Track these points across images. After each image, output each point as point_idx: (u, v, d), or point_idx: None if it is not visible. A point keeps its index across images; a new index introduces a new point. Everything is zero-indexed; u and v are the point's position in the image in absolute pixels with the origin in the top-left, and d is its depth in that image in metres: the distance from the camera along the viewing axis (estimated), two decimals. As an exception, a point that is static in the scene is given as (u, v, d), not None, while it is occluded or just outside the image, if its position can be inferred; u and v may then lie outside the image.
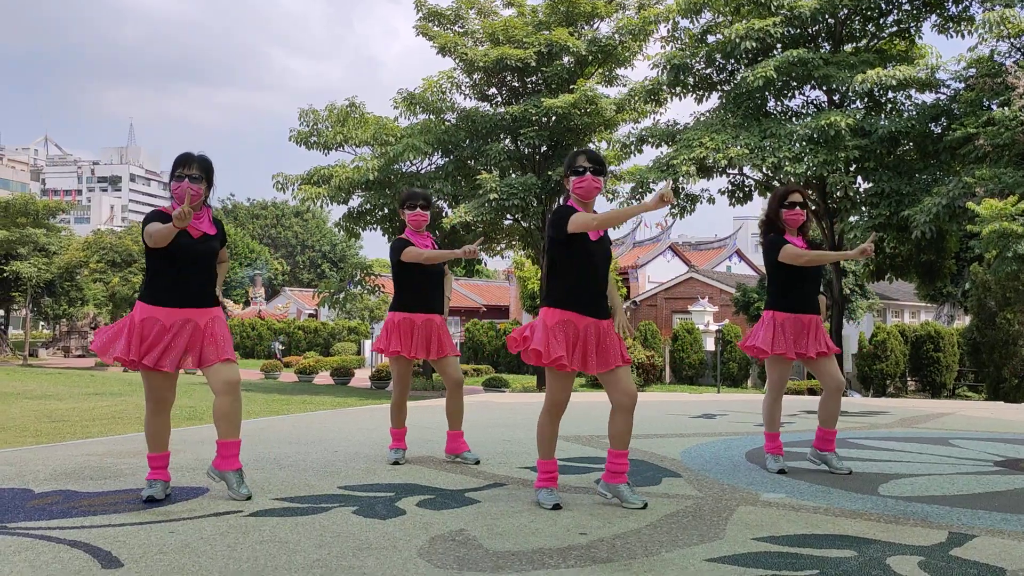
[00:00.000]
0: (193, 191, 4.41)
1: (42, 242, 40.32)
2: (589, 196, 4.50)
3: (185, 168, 4.46)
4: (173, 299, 4.44)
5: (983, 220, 14.61)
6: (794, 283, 5.51)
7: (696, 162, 18.99)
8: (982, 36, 18.08)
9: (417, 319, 5.65)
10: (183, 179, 4.43)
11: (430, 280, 5.73)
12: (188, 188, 4.40)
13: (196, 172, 4.46)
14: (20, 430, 11.96)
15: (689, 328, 32.13)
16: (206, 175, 4.52)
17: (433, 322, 5.70)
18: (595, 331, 4.42)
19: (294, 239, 77.92)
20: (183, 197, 4.38)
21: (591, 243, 4.42)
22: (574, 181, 4.49)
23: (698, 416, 9.59)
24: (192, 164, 4.47)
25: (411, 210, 5.78)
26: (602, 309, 4.48)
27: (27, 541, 3.67)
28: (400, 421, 5.87)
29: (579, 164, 4.48)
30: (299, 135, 24.02)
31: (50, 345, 50.51)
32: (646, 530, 4.03)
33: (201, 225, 4.55)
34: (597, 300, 4.46)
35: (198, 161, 4.50)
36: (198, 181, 4.46)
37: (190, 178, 4.43)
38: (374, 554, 3.56)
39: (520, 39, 22.87)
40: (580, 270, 4.42)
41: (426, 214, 5.83)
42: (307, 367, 31.01)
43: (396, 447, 5.86)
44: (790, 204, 5.51)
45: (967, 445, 7.36)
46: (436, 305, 5.75)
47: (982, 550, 3.77)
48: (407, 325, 5.65)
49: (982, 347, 24.41)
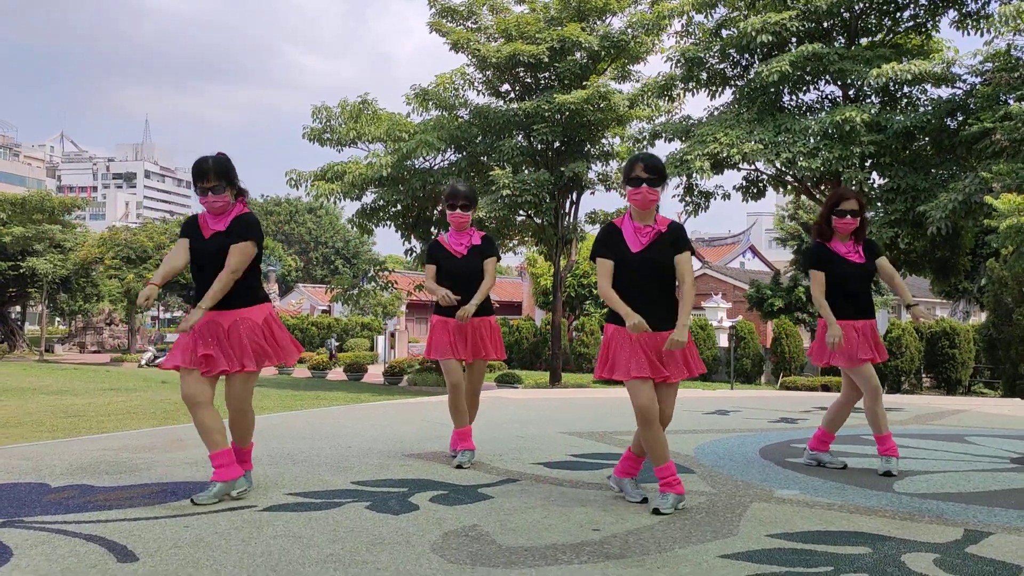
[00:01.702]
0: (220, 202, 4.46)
1: (58, 238, 40.58)
2: (645, 207, 4.37)
3: (205, 181, 4.43)
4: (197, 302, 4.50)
5: (1001, 215, 14.48)
6: (835, 294, 5.37)
7: (710, 157, 18.90)
8: (998, 30, 17.91)
9: (451, 322, 5.51)
10: (206, 193, 4.44)
11: (460, 282, 5.51)
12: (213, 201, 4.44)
13: (215, 182, 4.43)
14: (36, 425, 12.05)
15: (702, 324, 32.03)
16: (226, 179, 4.47)
17: (469, 323, 5.51)
18: (651, 341, 4.29)
19: (307, 235, 78.14)
20: (212, 208, 4.48)
21: (631, 255, 4.33)
22: (630, 191, 4.37)
23: (711, 412, 9.57)
24: (209, 175, 4.42)
25: (451, 210, 5.59)
26: (657, 320, 4.28)
27: (44, 535, 3.70)
28: (462, 420, 5.63)
29: (635, 173, 4.32)
30: (312, 132, 24.05)
31: (66, 341, 50.87)
32: (659, 526, 4.02)
33: (216, 224, 4.52)
34: (648, 311, 4.26)
35: (213, 168, 4.44)
36: (220, 191, 4.45)
37: (212, 190, 4.43)
38: (387, 549, 3.57)
39: (532, 35, 22.82)
40: (622, 283, 4.34)
41: (466, 215, 5.58)
42: (321, 363, 31.13)
43: (465, 448, 5.62)
44: (840, 212, 5.36)
45: (983, 442, 7.31)
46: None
47: (998, 547, 3.74)
48: (443, 327, 5.54)
49: (998, 343, 24.22)
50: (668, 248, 4.38)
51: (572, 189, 23.65)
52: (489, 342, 5.63)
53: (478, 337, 5.58)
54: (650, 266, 4.33)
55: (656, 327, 4.28)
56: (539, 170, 22.69)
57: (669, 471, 4.36)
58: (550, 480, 5.17)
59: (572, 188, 23.57)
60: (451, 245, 5.60)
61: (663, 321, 4.31)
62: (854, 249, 5.41)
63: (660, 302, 4.35)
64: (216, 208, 4.48)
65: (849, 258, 5.37)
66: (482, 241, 5.67)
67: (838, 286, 5.38)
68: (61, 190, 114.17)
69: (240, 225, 4.50)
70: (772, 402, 11.54)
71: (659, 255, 4.35)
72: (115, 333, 52.17)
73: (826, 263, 5.39)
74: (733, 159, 18.97)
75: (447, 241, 5.64)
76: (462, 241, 5.60)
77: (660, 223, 4.42)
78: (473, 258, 5.58)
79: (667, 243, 4.38)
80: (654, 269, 4.34)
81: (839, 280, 5.37)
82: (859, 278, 5.39)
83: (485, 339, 5.61)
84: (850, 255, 5.39)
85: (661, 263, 4.35)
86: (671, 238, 4.40)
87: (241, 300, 4.49)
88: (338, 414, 9.09)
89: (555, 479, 5.19)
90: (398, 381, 26.61)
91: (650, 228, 4.38)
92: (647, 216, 4.41)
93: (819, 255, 5.44)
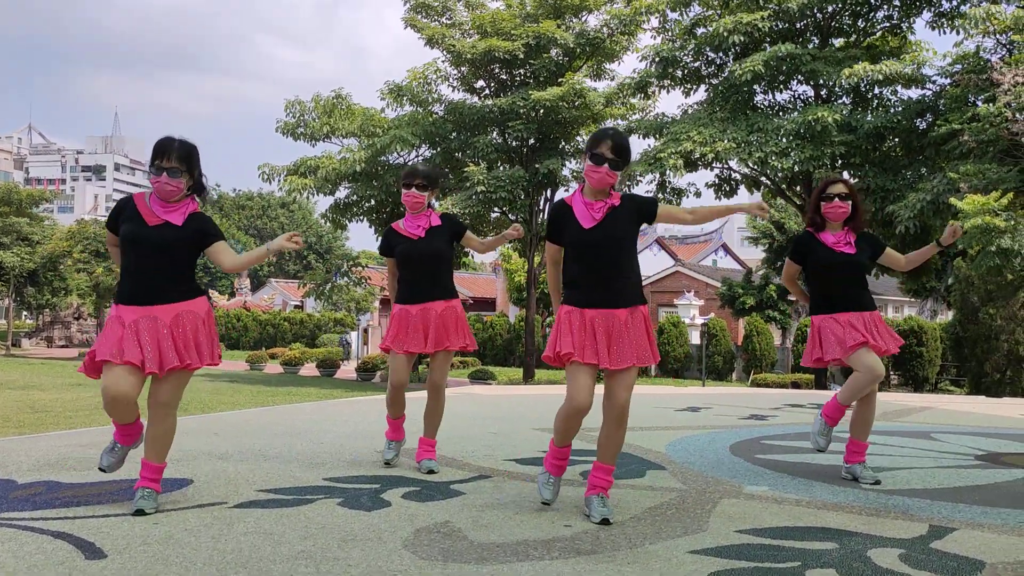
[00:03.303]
0: (173, 186, 4.09)
1: (25, 231, 39.92)
2: (601, 187, 4.17)
3: (163, 159, 4.07)
4: (126, 295, 4.15)
5: (966, 215, 14.70)
6: (819, 286, 5.22)
7: (683, 156, 19.01)
8: (968, 32, 18.15)
9: (412, 310, 5.20)
10: (161, 172, 4.07)
11: (418, 267, 5.24)
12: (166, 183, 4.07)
13: (175, 164, 4.08)
14: (2, 420, 11.87)
15: (675, 322, 32.23)
16: (187, 165, 4.12)
17: (431, 311, 5.19)
18: (604, 321, 4.09)
19: (280, 230, 77.52)
20: (162, 192, 4.11)
21: (584, 232, 4.14)
22: (589, 167, 4.16)
23: (683, 409, 9.63)
24: (171, 154, 4.08)
25: (406, 190, 5.26)
26: (612, 298, 4.11)
27: (10, 532, 3.65)
28: (398, 411, 5.41)
29: (601, 150, 4.12)
30: (286, 126, 23.89)
31: (33, 335, 50.13)
32: (630, 522, 4.05)
33: (166, 214, 4.14)
34: (602, 289, 4.11)
35: (177, 150, 4.10)
36: (176, 175, 4.08)
37: (168, 171, 4.07)
38: (359, 545, 3.56)
39: (508, 31, 22.81)
40: (576, 261, 4.19)
41: (422, 195, 5.22)
42: (293, 359, 30.91)
43: (396, 439, 5.49)
44: (828, 196, 5.13)
45: (949, 439, 7.42)
46: (433, 293, 5.21)
47: (962, 543, 3.81)
48: (403, 317, 5.22)
49: (965, 342, 24.58)
50: (626, 221, 4.18)
51: (547, 186, 23.68)
52: (453, 331, 5.22)
53: (440, 326, 5.19)
54: (603, 243, 4.12)
55: (610, 305, 4.09)
56: (514, 167, 22.70)
57: (564, 455, 4.30)
58: (522, 476, 5.18)
59: (547, 185, 23.59)
60: (407, 229, 5.26)
61: (618, 298, 4.10)
62: (845, 240, 5.13)
63: (615, 278, 4.12)
64: (167, 192, 4.09)
65: (836, 248, 5.10)
66: (443, 220, 5.35)
67: (822, 276, 5.18)
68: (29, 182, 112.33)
69: (200, 229, 4.20)
70: (743, 399, 11.64)
71: (614, 230, 4.14)
72: (83, 328, 51.47)
73: (805, 253, 5.23)
74: (706, 157, 19.10)
75: (402, 226, 5.31)
76: (419, 224, 5.25)
77: (613, 197, 4.21)
78: (433, 240, 5.24)
79: (623, 217, 4.18)
80: (607, 245, 4.12)
81: (822, 270, 5.16)
82: (845, 269, 5.10)
83: (449, 328, 5.21)
84: (838, 245, 5.11)
85: (616, 238, 4.14)
86: (628, 211, 4.20)
87: (183, 293, 4.18)
88: (310, 410, 9.05)
89: (527, 475, 5.20)
90: (371, 377, 26.51)
91: (602, 203, 4.16)
92: (600, 193, 4.21)
93: (798, 244, 5.30)
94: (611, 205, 4.18)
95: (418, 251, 5.24)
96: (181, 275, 4.20)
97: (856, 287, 5.17)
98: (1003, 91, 16.27)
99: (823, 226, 5.20)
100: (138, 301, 4.11)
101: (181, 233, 4.15)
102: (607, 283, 4.12)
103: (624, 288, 4.14)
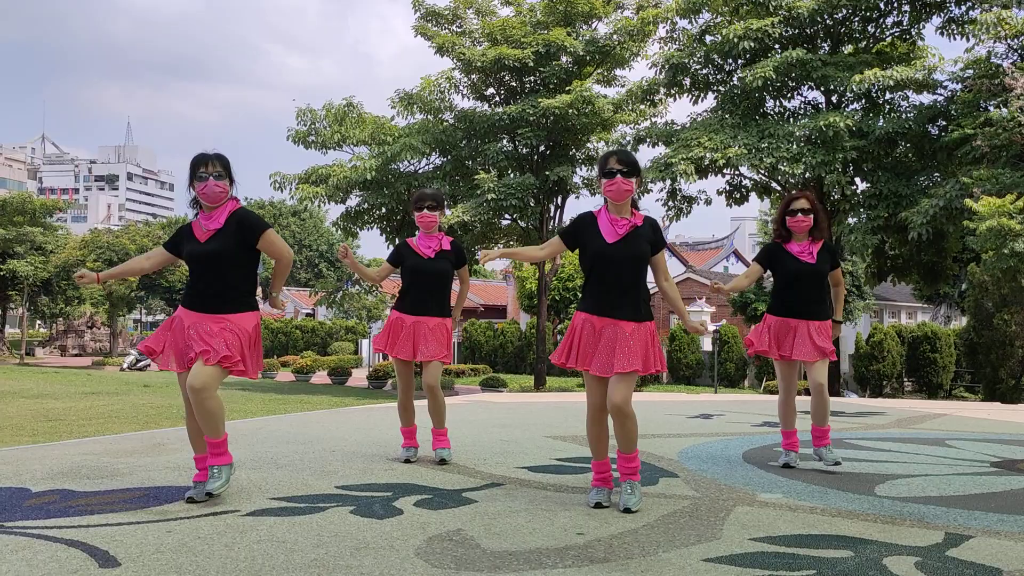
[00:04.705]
0: (220, 187, 4.49)
1: (39, 241, 40.24)
2: (620, 198, 4.47)
3: (206, 168, 4.48)
4: (188, 303, 4.54)
5: (980, 217, 14.63)
6: (779, 289, 5.73)
7: (694, 162, 19.00)
8: (979, 37, 18.10)
9: (407, 320, 5.64)
10: (206, 179, 4.45)
11: (423, 283, 5.67)
12: (214, 186, 4.46)
13: (218, 169, 4.48)
14: (17, 429, 11.94)
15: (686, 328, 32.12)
16: (227, 172, 4.54)
17: (424, 324, 5.62)
18: (611, 331, 4.40)
19: (291, 238, 77.73)
20: (209, 196, 4.48)
21: (607, 246, 4.44)
22: (605, 183, 4.48)
23: (695, 416, 9.60)
24: (212, 162, 4.49)
25: (418, 211, 5.74)
26: (622, 310, 4.41)
27: (24, 540, 3.66)
28: (408, 420, 5.87)
29: (609, 166, 4.45)
30: (297, 135, 24.00)
31: (47, 344, 50.45)
32: (643, 530, 4.03)
33: (211, 224, 4.52)
34: (616, 301, 4.42)
35: (216, 159, 4.53)
36: (221, 178, 4.50)
37: (214, 176, 4.46)
38: (371, 554, 3.56)
39: (518, 39, 22.87)
40: (596, 273, 4.48)
41: (433, 215, 5.72)
42: (304, 367, 30.98)
43: (407, 445, 5.87)
44: (792, 211, 5.63)
45: (964, 446, 7.37)
46: (430, 308, 5.66)
47: (978, 551, 3.78)
48: (398, 325, 5.67)
49: (979, 348, 24.41)
50: (644, 242, 4.49)
51: (557, 193, 23.71)
52: (436, 344, 5.60)
53: (430, 339, 5.59)
54: (625, 257, 4.44)
55: (620, 317, 4.41)
56: (524, 174, 22.73)
57: (604, 467, 4.59)
58: (534, 484, 5.17)
59: (557, 192, 23.63)
60: (419, 247, 5.72)
61: (628, 312, 4.42)
62: (808, 250, 5.62)
63: (630, 293, 4.45)
64: (215, 193, 4.48)
65: (801, 257, 5.60)
66: (451, 247, 5.79)
67: (785, 283, 5.67)
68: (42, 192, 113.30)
69: (241, 223, 4.52)
70: (756, 406, 11.59)
71: (635, 248, 4.47)
72: (96, 336, 51.76)
73: (770, 260, 5.71)
74: (717, 164, 19.07)
75: (415, 243, 5.76)
76: (431, 244, 5.72)
77: (636, 217, 4.53)
78: (440, 261, 5.70)
79: (643, 237, 4.50)
80: (628, 261, 4.45)
81: (787, 277, 5.64)
82: (807, 277, 5.59)
83: (441, 341, 5.62)
84: (802, 255, 5.60)
85: (636, 255, 4.47)
86: (647, 233, 4.52)
87: (233, 305, 4.50)
88: (322, 418, 9.06)
89: (539, 483, 5.19)
90: (383, 385, 26.54)
91: (626, 221, 4.48)
92: (622, 208, 4.51)
93: (763, 252, 5.80)
94: (634, 224, 4.50)
95: (427, 269, 5.68)
96: (234, 287, 4.53)
97: (816, 295, 5.68)
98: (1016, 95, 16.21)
99: (789, 238, 5.70)
100: (195, 308, 4.51)
101: (224, 235, 4.49)
102: (621, 296, 4.44)
103: (636, 302, 4.47)
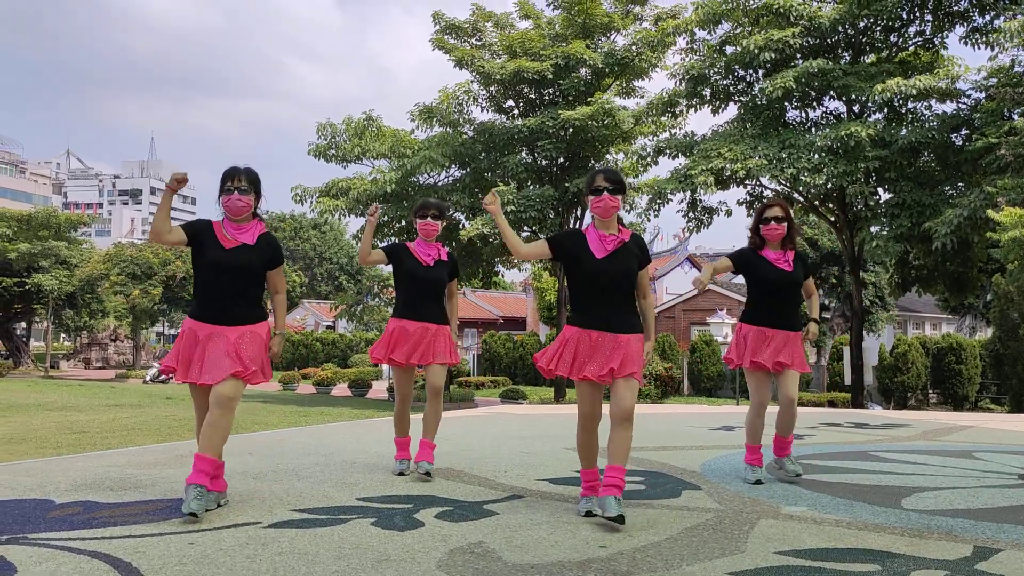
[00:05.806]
0: (244, 202, 4.58)
1: (64, 255, 40.69)
2: (607, 215, 4.57)
3: (233, 181, 4.58)
4: (204, 314, 4.57)
5: (1004, 228, 14.47)
6: (756, 298, 5.76)
7: (714, 173, 18.93)
8: (1003, 45, 17.94)
9: (410, 327, 5.65)
10: (232, 192, 4.56)
11: (423, 290, 5.71)
12: (238, 199, 4.55)
13: (244, 184, 4.58)
14: (41, 441, 12.05)
15: (707, 340, 31.96)
16: (254, 187, 4.63)
17: (428, 330, 5.66)
18: (607, 340, 4.47)
19: (312, 251, 78.17)
20: (232, 209, 4.58)
21: (595, 261, 4.50)
22: (592, 201, 4.57)
23: (717, 428, 9.53)
24: (240, 176, 4.59)
25: (421, 219, 5.80)
26: (617, 323, 4.49)
27: (48, 552, 3.68)
28: (403, 431, 5.90)
29: (596, 184, 4.55)
30: (317, 148, 24.15)
31: (71, 357, 50.92)
32: (666, 543, 4.00)
33: (240, 235, 4.62)
34: (608, 314, 4.49)
35: (245, 173, 4.62)
36: (247, 193, 4.59)
37: (239, 190, 4.56)
38: (393, 566, 3.55)
39: (537, 51, 22.93)
40: (586, 288, 4.54)
41: (436, 224, 5.79)
42: (325, 379, 31.08)
43: (401, 457, 5.89)
44: (766, 219, 5.68)
45: (991, 458, 7.26)
46: (432, 315, 5.69)
47: (1008, 564, 3.71)
48: (400, 332, 5.66)
49: (1004, 359, 24.10)
50: (632, 257, 4.58)
51: (576, 205, 23.68)
52: (443, 348, 5.70)
53: (435, 343, 5.67)
54: (614, 272, 4.52)
55: (613, 330, 4.47)
56: (543, 186, 22.74)
57: (593, 476, 4.62)
58: (556, 496, 5.14)
59: (576, 204, 23.60)
60: (418, 252, 5.76)
61: (622, 325, 4.49)
62: (783, 258, 5.69)
63: (620, 307, 4.53)
64: (238, 208, 4.58)
65: (777, 264, 5.66)
66: (448, 258, 5.88)
67: (763, 291, 5.71)
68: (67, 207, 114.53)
69: (271, 247, 4.70)
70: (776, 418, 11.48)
71: (624, 262, 4.55)
72: (120, 349, 52.22)
73: (746, 265, 5.73)
74: (737, 175, 18.99)
75: (415, 248, 5.79)
76: (430, 252, 5.78)
77: (623, 233, 4.61)
78: (437, 270, 5.77)
79: (631, 252, 4.59)
80: (617, 275, 4.53)
81: (764, 285, 5.69)
82: (784, 284, 5.66)
83: (445, 344, 5.71)
84: (778, 262, 5.67)
85: (624, 271, 4.55)
86: (636, 248, 4.62)
87: (252, 317, 4.64)
88: (343, 430, 9.07)
89: (561, 495, 5.17)
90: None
91: (614, 237, 4.56)
92: (609, 225, 4.59)
93: (739, 255, 5.79)
94: (622, 240, 4.58)
95: (424, 275, 5.74)
96: (254, 300, 4.67)
97: (793, 304, 5.77)
98: (1041, 104, 16.04)
99: (763, 245, 5.75)
100: (212, 320, 4.56)
101: (255, 251, 4.63)
102: (612, 310, 4.52)
103: (629, 316, 4.56)
